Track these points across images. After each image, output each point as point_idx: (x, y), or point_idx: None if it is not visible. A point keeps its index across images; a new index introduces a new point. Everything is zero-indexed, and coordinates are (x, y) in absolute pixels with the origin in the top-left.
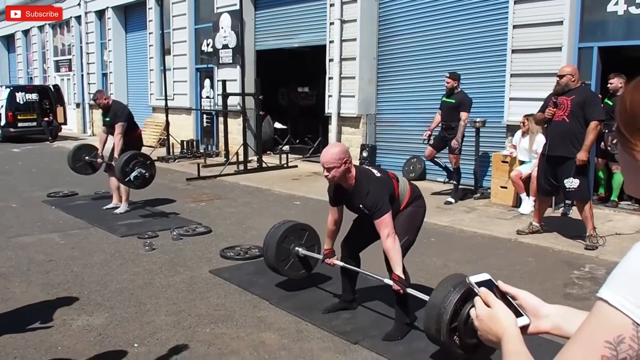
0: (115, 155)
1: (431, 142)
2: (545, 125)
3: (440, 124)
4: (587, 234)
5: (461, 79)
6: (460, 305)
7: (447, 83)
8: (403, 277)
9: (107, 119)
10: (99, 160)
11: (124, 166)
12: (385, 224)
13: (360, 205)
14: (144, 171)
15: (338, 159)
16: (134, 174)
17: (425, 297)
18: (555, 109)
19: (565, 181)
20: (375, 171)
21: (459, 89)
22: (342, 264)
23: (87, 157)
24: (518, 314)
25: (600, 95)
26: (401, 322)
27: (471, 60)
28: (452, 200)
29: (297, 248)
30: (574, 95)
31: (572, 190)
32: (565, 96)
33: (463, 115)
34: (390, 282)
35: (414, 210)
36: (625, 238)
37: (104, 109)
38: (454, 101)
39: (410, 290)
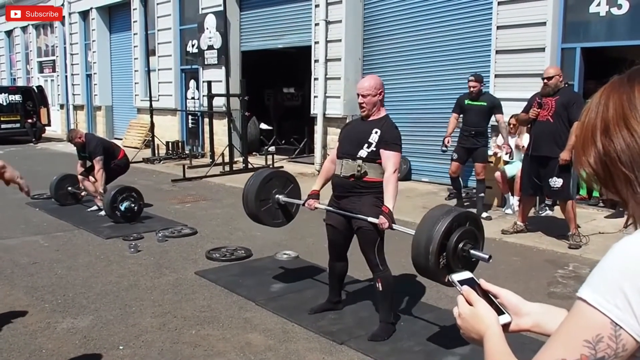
0: (100, 189)
1: (455, 156)
2: (529, 126)
3: (467, 131)
4: (571, 233)
5: (446, 79)
6: (448, 232)
7: (474, 87)
8: (392, 212)
9: (85, 155)
10: (83, 194)
11: (113, 201)
12: (396, 160)
13: (375, 131)
14: (133, 205)
15: (374, 88)
16: (124, 204)
17: (411, 232)
18: (539, 110)
19: (550, 180)
20: None
21: (483, 90)
22: (324, 207)
23: (70, 188)
24: (500, 312)
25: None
26: (387, 322)
27: (456, 60)
28: (487, 214)
29: (278, 195)
30: (558, 95)
31: (556, 190)
32: (549, 97)
33: (501, 117)
34: (376, 221)
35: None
36: (608, 237)
37: (79, 148)
38: (485, 103)
39: (395, 226)
